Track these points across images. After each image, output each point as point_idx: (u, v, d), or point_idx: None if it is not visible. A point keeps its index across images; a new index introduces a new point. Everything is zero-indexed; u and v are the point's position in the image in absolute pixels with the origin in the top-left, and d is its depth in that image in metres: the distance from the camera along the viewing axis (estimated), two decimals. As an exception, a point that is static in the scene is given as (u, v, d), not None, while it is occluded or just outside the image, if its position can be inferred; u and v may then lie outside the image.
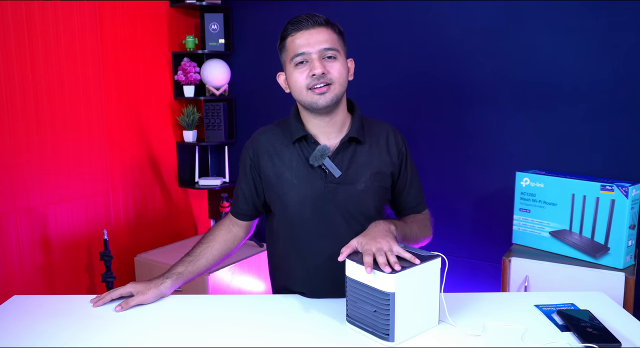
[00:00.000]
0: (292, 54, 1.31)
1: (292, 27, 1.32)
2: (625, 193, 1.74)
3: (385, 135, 1.43)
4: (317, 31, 1.31)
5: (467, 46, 2.30)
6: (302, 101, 1.34)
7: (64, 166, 2.39)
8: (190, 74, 2.77)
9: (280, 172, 1.37)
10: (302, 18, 1.32)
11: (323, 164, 1.33)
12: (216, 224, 1.50)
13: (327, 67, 1.30)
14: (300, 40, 1.31)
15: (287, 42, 1.34)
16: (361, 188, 1.36)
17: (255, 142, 1.44)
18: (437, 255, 1.15)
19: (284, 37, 1.35)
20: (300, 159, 1.37)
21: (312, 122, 1.38)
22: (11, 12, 2.15)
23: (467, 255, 2.41)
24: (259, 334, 1.16)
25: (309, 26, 1.31)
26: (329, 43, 1.31)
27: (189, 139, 2.87)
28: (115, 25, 2.56)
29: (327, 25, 1.33)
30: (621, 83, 2.02)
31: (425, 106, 2.44)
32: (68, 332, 1.18)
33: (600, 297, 1.35)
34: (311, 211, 1.36)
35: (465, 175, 2.38)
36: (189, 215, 3.06)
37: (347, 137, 1.37)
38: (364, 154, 1.38)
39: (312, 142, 1.36)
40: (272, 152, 1.40)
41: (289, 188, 1.36)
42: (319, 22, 1.32)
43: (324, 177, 1.35)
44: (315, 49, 1.29)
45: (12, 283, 2.21)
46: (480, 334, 1.14)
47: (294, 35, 1.32)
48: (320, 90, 1.30)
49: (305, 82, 1.31)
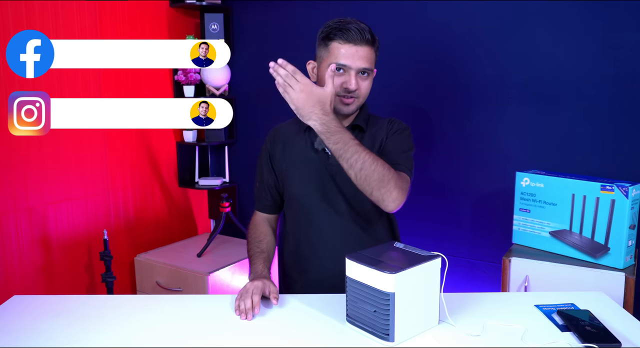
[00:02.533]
0: (335, 60, 1.39)
1: (342, 35, 1.39)
2: (625, 193, 1.74)
3: (385, 122, 1.53)
4: (363, 49, 1.39)
5: (467, 46, 2.30)
6: None
7: (64, 166, 2.39)
8: (190, 74, 2.76)
9: (289, 157, 1.51)
10: (353, 29, 1.38)
11: (326, 147, 1.43)
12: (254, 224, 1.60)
13: (360, 84, 1.41)
14: (346, 52, 1.38)
15: (331, 46, 1.40)
16: None
17: (272, 134, 1.59)
18: (437, 255, 1.15)
19: (330, 38, 1.40)
20: (307, 145, 1.50)
21: None
22: (11, 12, 2.15)
23: (467, 255, 2.41)
24: (259, 334, 1.17)
25: (357, 41, 1.38)
26: (368, 63, 1.41)
27: (189, 139, 2.87)
28: (115, 25, 2.55)
29: (371, 44, 1.41)
30: (621, 83, 2.02)
31: (425, 106, 2.44)
32: (68, 332, 1.18)
33: (600, 297, 1.35)
34: (313, 191, 1.48)
35: (465, 175, 2.38)
36: (189, 215, 3.06)
37: (351, 125, 1.49)
38: (365, 141, 1.48)
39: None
40: (285, 141, 1.54)
41: (294, 170, 1.50)
42: (366, 40, 1.39)
43: (325, 160, 1.47)
44: (356, 65, 1.39)
45: (12, 283, 2.21)
46: (480, 334, 1.14)
47: (342, 43, 1.39)
48: (347, 101, 1.42)
49: (336, 89, 1.39)
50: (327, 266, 1.47)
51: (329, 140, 1.28)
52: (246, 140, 3.01)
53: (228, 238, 2.89)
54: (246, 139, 3.01)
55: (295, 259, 1.54)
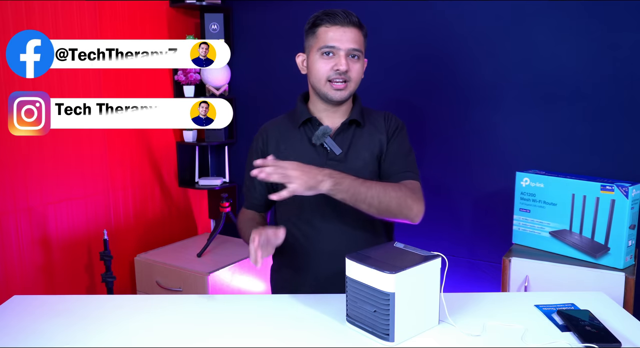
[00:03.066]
0: (323, 44, 1.39)
1: (328, 19, 1.39)
2: (625, 193, 1.74)
3: (382, 118, 1.52)
4: (350, 30, 1.39)
5: (468, 46, 2.30)
6: (319, 90, 1.44)
7: (64, 166, 2.39)
8: (190, 74, 2.76)
9: (285, 154, 1.45)
10: (339, 13, 1.39)
11: (325, 142, 1.42)
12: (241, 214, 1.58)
13: (350, 65, 1.39)
14: (334, 34, 1.39)
15: (319, 31, 1.41)
16: (360, 165, 1.44)
17: (263, 132, 1.54)
18: (437, 255, 1.15)
19: (316, 24, 1.41)
20: (304, 140, 1.47)
21: (319, 107, 1.48)
22: (11, 12, 2.15)
23: (467, 255, 2.41)
24: (259, 334, 1.16)
25: (344, 23, 1.39)
26: (357, 44, 1.40)
27: (189, 139, 2.87)
28: (115, 25, 2.55)
29: (359, 27, 1.42)
30: (621, 83, 2.02)
31: (425, 105, 2.44)
32: (68, 332, 1.18)
33: (600, 297, 1.35)
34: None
35: (465, 175, 2.38)
36: (189, 215, 3.06)
37: (348, 119, 1.47)
38: (363, 136, 1.47)
39: (316, 125, 1.47)
40: (279, 137, 1.50)
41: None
42: (353, 22, 1.40)
43: (325, 155, 1.44)
44: (345, 46, 1.38)
45: (12, 283, 2.21)
46: (480, 334, 1.14)
47: (328, 26, 1.39)
48: (338, 86, 1.40)
49: (327, 73, 1.40)
50: (323, 263, 1.45)
51: (341, 192, 1.28)
52: (246, 140, 3.01)
53: (228, 238, 2.89)
54: (246, 139, 3.01)
55: (290, 257, 1.50)
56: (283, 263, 1.56)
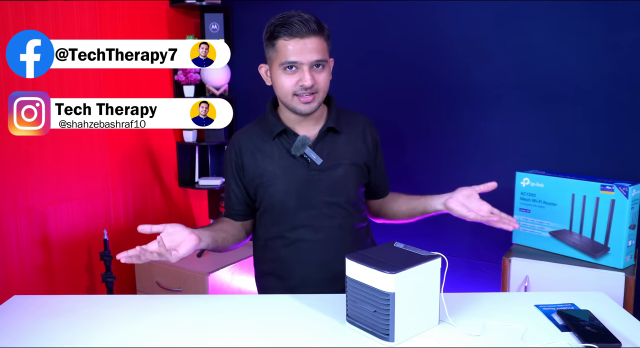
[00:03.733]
0: (283, 59, 1.33)
1: (285, 31, 1.32)
2: (625, 193, 1.74)
3: (361, 125, 1.49)
4: (310, 41, 1.32)
5: (468, 46, 2.30)
6: (286, 104, 1.39)
7: (64, 166, 2.39)
8: (190, 74, 2.76)
9: (263, 166, 1.42)
10: (295, 22, 1.31)
11: (304, 153, 1.39)
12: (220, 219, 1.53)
13: (315, 78, 1.34)
14: (293, 48, 1.32)
15: (278, 44, 1.34)
16: (341, 173, 1.42)
17: (235, 143, 1.48)
18: (437, 255, 1.15)
19: (274, 37, 1.34)
20: (282, 152, 1.42)
21: (290, 117, 1.43)
22: (11, 12, 2.15)
23: (467, 255, 2.41)
24: (258, 334, 1.16)
25: (302, 34, 1.31)
26: (319, 54, 1.33)
27: (189, 139, 2.87)
28: (115, 25, 2.55)
29: (319, 33, 1.33)
30: (621, 83, 2.02)
31: (425, 105, 2.43)
32: (68, 332, 1.18)
33: (600, 297, 1.35)
34: (296, 199, 1.41)
35: (465, 175, 2.38)
36: (189, 215, 3.06)
37: (325, 126, 1.43)
38: (341, 142, 1.44)
39: (291, 135, 1.42)
40: (254, 149, 1.44)
41: (274, 179, 1.41)
42: (312, 30, 1.31)
43: (306, 166, 1.41)
44: (307, 59, 1.32)
45: (12, 283, 2.21)
46: (480, 334, 1.14)
47: (287, 40, 1.32)
48: (306, 99, 1.35)
49: (292, 88, 1.35)
50: (310, 271, 1.44)
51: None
52: (246, 140, 3.00)
53: (228, 238, 2.88)
54: (246, 139, 3.00)
55: (276, 266, 1.48)
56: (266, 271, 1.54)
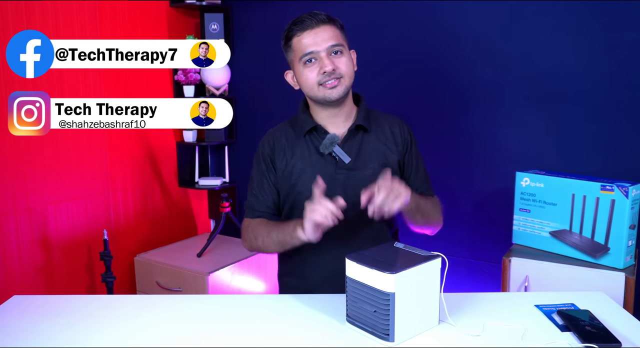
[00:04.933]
0: (301, 54, 1.37)
1: (297, 28, 1.37)
2: (625, 193, 1.74)
3: (390, 125, 1.50)
4: (322, 29, 1.36)
5: (468, 46, 2.30)
6: (314, 96, 1.41)
7: (64, 166, 2.39)
8: (190, 74, 2.76)
9: (292, 164, 1.44)
10: (305, 17, 1.37)
11: (333, 151, 1.39)
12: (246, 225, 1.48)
13: (335, 63, 1.36)
14: (307, 40, 1.36)
15: (293, 43, 1.39)
16: (369, 173, 1.42)
17: (269, 138, 1.50)
18: (437, 255, 1.15)
19: (289, 38, 1.40)
20: (311, 149, 1.44)
21: (321, 114, 1.44)
22: (11, 12, 2.15)
23: (467, 255, 2.41)
24: (258, 334, 1.16)
25: (313, 25, 1.36)
26: (334, 39, 1.37)
27: (189, 139, 2.87)
28: (115, 25, 2.55)
29: (330, 22, 1.38)
30: (621, 83, 2.02)
31: (425, 106, 2.44)
32: (68, 332, 1.18)
33: (600, 297, 1.35)
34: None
35: (465, 175, 2.38)
36: (189, 215, 3.06)
37: (354, 125, 1.44)
38: (371, 141, 1.45)
39: (322, 132, 1.43)
40: (285, 146, 1.47)
41: (302, 176, 1.43)
42: (322, 20, 1.36)
43: (334, 164, 1.42)
44: (322, 47, 1.35)
45: (12, 283, 2.21)
46: (480, 334, 1.14)
47: (299, 35, 1.37)
48: (332, 84, 1.36)
49: (316, 79, 1.37)
50: (328, 269, 1.44)
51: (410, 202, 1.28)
52: (246, 140, 3.01)
53: (228, 238, 2.89)
54: (246, 139, 3.01)
55: (297, 265, 1.49)
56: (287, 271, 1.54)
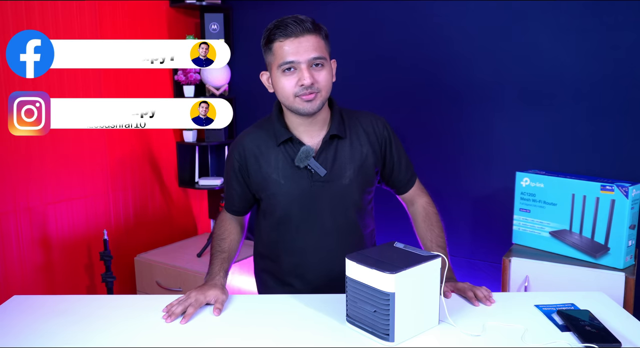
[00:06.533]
0: (281, 61, 1.32)
1: (280, 33, 1.31)
2: (625, 193, 1.74)
3: (364, 125, 1.45)
4: (306, 39, 1.31)
5: (468, 46, 2.30)
6: (288, 106, 1.37)
7: (64, 166, 2.39)
8: (190, 74, 2.76)
9: (267, 174, 1.41)
10: (290, 22, 1.31)
11: (308, 164, 1.37)
12: (220, 220, 1.53)
13: (315, 77, 1.31)
14: (289, 48, 1.30)
15: (274, 47, 1.34)
16: (346, 183, 1.40)
17: (240, 145, 1.45)
18: (437, 255, 1.15)
19: (270, 40, 1.34)
20: (286, 160, 1.40)
21: (295, 122, 1.40)
22: (11, 12, 2.15)
23: (467, 255, 2.41)
24: (258, 334, 1.16)
25: (297, 33, 1.30)
26: (317, 51, 1.31)
27: (189, 139, 2.87)
28: (115, 25, 2.55)
29: (315, 32, 1.32)
30: (621, 83, 2.02)
31: (425, 105, 2.44)
32: (68, 332, 1.18)
33: (600, 297, 1.35)
34: (299, 209, 1.41)
35: (465, 175, 2.38)
36: (189, 215, 3.06)
37: (328, 135, 1.40)
38: (346, 149, 1.42)
39: (296, 143, 1.40)
40: (258, 154, 1.42)
41: (277, 189, 1.40)
42: (307, 29, 1.31)
43: (309, 177, 1.39)
44: (304, 58, 1.30)
45: (12, 283, 2.21)
46: (480, 334, 1.14)
47: (282, 41, 1.31)
48: (308, 97, 1.32)
49: (293, 90, 1.33)
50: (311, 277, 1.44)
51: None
52: (246, 140, 3.00)
53: (228, 238, 2.88)
54: (246, 139, 3.00)
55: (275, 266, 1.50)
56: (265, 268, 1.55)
